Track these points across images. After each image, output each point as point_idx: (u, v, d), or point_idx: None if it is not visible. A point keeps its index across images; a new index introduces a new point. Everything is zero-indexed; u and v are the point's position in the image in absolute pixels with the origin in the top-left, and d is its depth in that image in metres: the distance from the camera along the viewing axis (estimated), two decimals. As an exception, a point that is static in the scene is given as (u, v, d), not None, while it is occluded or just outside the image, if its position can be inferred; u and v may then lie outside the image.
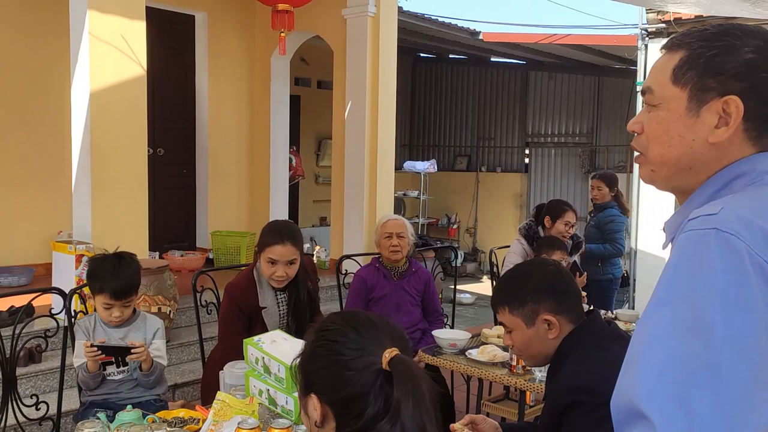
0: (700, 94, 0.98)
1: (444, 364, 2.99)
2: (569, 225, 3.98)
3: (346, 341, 1.18)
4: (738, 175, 0.98)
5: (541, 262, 2.13)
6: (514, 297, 1.83)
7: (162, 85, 6.38)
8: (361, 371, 1.14)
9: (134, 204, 4.36)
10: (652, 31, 6.62)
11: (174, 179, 6.67)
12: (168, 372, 4.13)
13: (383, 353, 1.14)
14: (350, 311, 1.34)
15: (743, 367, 0.80)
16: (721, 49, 0.98)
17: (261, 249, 2.77)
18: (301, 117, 8.73)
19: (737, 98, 0.96)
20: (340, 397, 1.15)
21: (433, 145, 11.01)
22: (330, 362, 1.17)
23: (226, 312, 2.81)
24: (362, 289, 3.49)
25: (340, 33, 6.24)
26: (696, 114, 0.99)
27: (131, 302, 2.58)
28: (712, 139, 0.98)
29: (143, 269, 3.82)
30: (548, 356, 1.82)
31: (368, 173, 6.14)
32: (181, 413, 2.14)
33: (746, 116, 0.96)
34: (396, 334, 1.21)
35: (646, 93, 1.06)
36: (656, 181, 1.07)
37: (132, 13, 4.32)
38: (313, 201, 8.98)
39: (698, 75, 0.98)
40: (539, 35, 8.22)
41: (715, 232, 0.85)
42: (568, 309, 1.79)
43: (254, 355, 2.16)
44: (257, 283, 2.81)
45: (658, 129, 1.03)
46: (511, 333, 1.85)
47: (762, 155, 0.99)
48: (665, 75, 1.02)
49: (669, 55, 1.04)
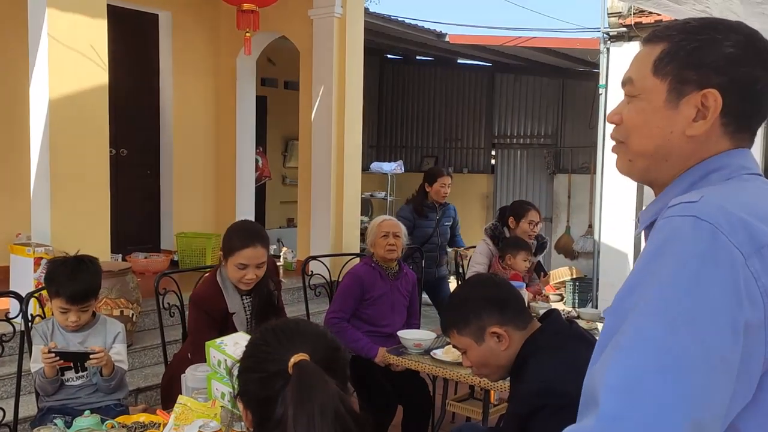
0: (679, 87, 0.99)
1: (409, 364, 3.01)
2: (533, 224, 4.04)
3: (262, 345, 1.18)
4: (715, 169, 0.99)
5: (476, 280, 2.18)
6: (458, 318, 1.86)
7: (125, 85, 6.27)
8: (272, 374, 1.13)
9: (96, 205, 4.28)
10: (614, 35, 6.75)
11: (137, 180, 6.56)
12: (131, 376, 4.08)
13: (291, 358, 1.12)
14: (285, 319, 1.33)
15: (703, 354, 0.80)
16: (703, 43, 0.98)
17: (229, 253, 2.68)
18: (268, 118, 8.67)
19: (716, 91, 0.96)
20: (255, 399, 1.15)
21: (400, 146, 11.03)
22: (247, 366, 1.18)
23: (195, 321, 2.75)
24: (357, 287, 3.42)
25: (306, 34, 6.22)
26: (675, 106, 0.99)
27: (89, 307, 2.52)
28: (689, 132, 0.99)
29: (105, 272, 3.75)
30: (507, 368, 1.85)
31: (335, 174, 6.13)
32: (141, 418, 2.11)
33: (724, 111, 0.97)
34: (321, 341, 1.20)
35: (626, 84, 1.06)
36: (632, 172, 1.08)
37: (92, 11, 4.24)
38: (280, 202, 8.93)
39: (678, 67, 0.99)
40: (505, 38, 8.31)
41: (694, 219, 0.86)
42: (512, 317, 1.82)
43: (216, 357, 2.14)
44: (223, 288, 2.74)
45: (638, 119, 1.03)
46: (466, 353, 1.88)
47: (738, 151, 1.00)
48: (646, 66, 1.03)
49: (650, 46, 1.04)
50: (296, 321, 1.25)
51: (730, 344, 0.81)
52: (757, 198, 0.93)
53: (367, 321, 3.44)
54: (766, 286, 0.83)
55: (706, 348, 0.80)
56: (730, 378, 0.82)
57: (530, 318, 1.87)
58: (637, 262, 0.93)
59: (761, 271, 0.83)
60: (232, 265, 2.67)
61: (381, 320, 3.43)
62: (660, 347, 0.82)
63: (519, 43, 8.09)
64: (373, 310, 3.43)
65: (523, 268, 3.83)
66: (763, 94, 0.99)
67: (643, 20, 6.50)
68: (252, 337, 1.25)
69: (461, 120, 10.46)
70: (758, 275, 0.83)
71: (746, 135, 1.01)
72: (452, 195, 5.06)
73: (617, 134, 1.08)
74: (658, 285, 0.85)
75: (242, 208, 7.05)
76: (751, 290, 0.82)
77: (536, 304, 3.71)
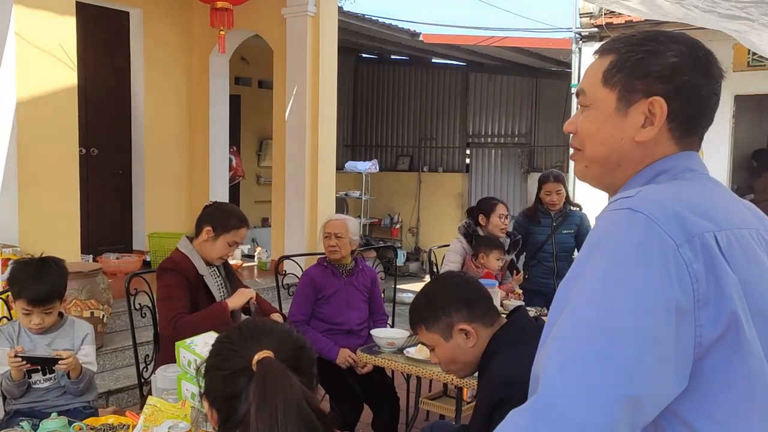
0: (627, 95, 1.04)
1: (382, 363, 3.01)
2: (503, 216, 4.06)
3: (228, 342, 1.18)
4: (662, 171, 1.04)
5: (446, 277, 2.21)
6: (427, 315, 1.88)
7: (95, 84, 6.19)
8: (236, 372, 1.13)
9: (65, 206, 4.22)
10: (586, 35, 6.83)
11: (109, 180, 6.47)
12: (102, 378, 4.04)
13: (254, 355, 1.12)
14: (252, 319, 1.34)
15: (635, 335, 0.85)
16: (647, 53, 1.04)
17: (224, 230, 2.88)
18: (242, 117, 8.62)
19: (661, 99, 1.02)
20: (220, 396, 1.15)
21: (375, 146, 11.04)
22: (213, 364, 1.18)
23: (167, 285, 2.83)
24: (310, 289, 3.46)
25: (279, 32, 6.20)
26: (624, 114, 1.05)
27: (53, 309, 2.48)
28: (638, 138, 1.04)
29: (74, 273, 3.72)
30: (474, 364, 1.88)
31: (309, 174, 6.11)
32: (110, 420, 2.09)
33: (670, 117, 1.03)
34: (286, 339, 1.20)
35: (579, 95, 1.12)
36: (588, 178, 1.13)
37: (61, 9, 4.19)
38: (254, 202, 8.88)
39: (626, 77, 1.04)
40: (478, 37, 8.36)
41: (629, 211, 0.92)
42: (480, 314, 1.85)
43: (186, 357, 2.12)
44: (189, 256, 2.90)
45: (590, 128, 1.08)
46: (434, 350, 1.91)
47: (685, 154, 1.06)
48: (596, 77, 1.08)
49: (600, 59, 1.10)
50: (262, 320, 1.26)
51: (664, 324, 0.85)
52: (693, 194, 0.98)
53: (323, 319, 3.47)
54: (696, 272, 0.88)
55: (640, 328, 0.85)
56: (667, 357, 0.86)
57: (498, 316, 1.91)
58: (579, 253, 0.98)
59: (692, 258, 0.88)
60: (223, 241, 2.89)
61: (337, 317, 3.47)
62: (595, 328, 0.86)
63: (492, 43, 8.14)
64: (328, 308, 3.47)
65: (495, 266, 3.86)
66: (706, 100, 1.05)
67: (614, 21, 6.59)
68: (219, 335, 1.25)
69: (436, 119, 10.51)
70: (689, 262, 0.88)
71: (694, 139, 1.07)
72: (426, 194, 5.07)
73: (574, 142, 1.14)
74: (596, 272, 0.90)
75: (216, 207, 6.99)
76: (682, 276, 0.87)
77: (509, 302, 3.74)
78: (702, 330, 0.87)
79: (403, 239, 10.36)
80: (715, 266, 0.89)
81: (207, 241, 2.91)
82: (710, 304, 0.88)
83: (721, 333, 0.88)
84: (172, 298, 2.80)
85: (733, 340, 0.88)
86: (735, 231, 0.94)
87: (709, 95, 1.05)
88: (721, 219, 0.94)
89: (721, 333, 0.88)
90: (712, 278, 0.88)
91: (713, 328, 0.88)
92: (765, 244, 0.98)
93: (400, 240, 10.26)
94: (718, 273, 0.89)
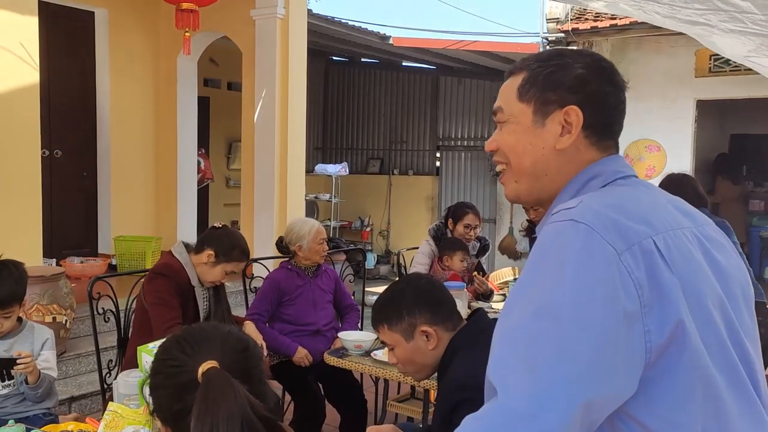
0: (543, 108, 1.09)
1: (350, 365, 3.01)
2: (470, 228, 4.08)
3: (168, 358, 1.15)
4: (592, 177, 1.09)
5: (412, 278, 2.23)
6: (390, 314, 1.89)
7: (59, 85, 6.07)
8: (182, 387, 1.11)
9: (26, 209, 4.14)
10: (553, 40, 6.92)
11: (73, 182, 6.35)
12: (65, 384, 3.96)
13: (198, 368, 1.10)
14: (189, 325, 1.30)
15: (586, 341, 0.87)
16: (556, 67, 1.10)
17: (225, 258, 2.90)
18: (211, 119, 8.54)
19: (576, 107, 1.07)
20: (170, 413, 1.13)
21: (346, 148, 11.03)
22: (157, 382, 1.15)
23: (158, 290, 2.80)
24: (273, 291, 3.47)
25: (248, 34, 6.15)
26: (542, 125, 1.10)
27: (11, 313, 2.43)
28: (558, 146, 1.09)
29: (35, 277, 3.65)
30: (432, 367, 1.90)
31: (278, 176, 6.08)
32: (70, 426, 2.05)
33: (585, 123, 1.08)
34: (229, 345, 1.17)
35: (497, 113, 1.16)
36: (521, 194, 1.16)
37: (22, 8, 4.11)
38: (223, 204, 8.80)
39: (540, 91, 1.10)
40: (448, 41, 8.40)
41: (572, 222, 0.95)
42: (443, 318, 1.87)
43: (149, 362, 2.09)
44: (184, 264, 2.91)
45: (510, 140, 1.13)
46: (394, 350, 1.91)
47: (610, 158, 1.11)
48: (512, 94, 1.13)
49: (513, 78, 1.15)
50: (200, 327, 1.23)
51: (614, 331, 0.88)
52: (628, 200, 1.02)
53: (290, 321, 3.47)
54: (638, 279, 0.91)
55: (590, 335, 0.87)
56: (618, 362, 0.88)
57: (460, 320, 1.93)
58: (527, 262, 1.00)
59: (633, 265, 0.91)
60: (222, 269, 2.91)
61: (303, 318, 3.48)
62: (545, 337, 0.88)
63: (462, 47, 8.20)
64: (294, 310, 3.47)
65: (460, 267, 3.88)
66: (615, 107, 1.12)
67: (580, 26, 6.69)
68: (156, 351, 1.21)
69: (406, 122, 10.53)
70: (631, 269, 0.91)
71: (610, 143, 1.13)
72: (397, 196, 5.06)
73: (499, 158, 1.17)
74: (543, 282, 0.93)
75: (184, 210, 6.91)
76: (626, 283, 0.90)
77: (476, 304, 3.77)
78: (651, 335, 0.90)
79: (374, 242, 10.36)
80: (656, 271, 0.92)
81: (206, 264, 2.92)
82: (654, 309, 0.90)
83: (669, 336, 0.91)
84: (165, 305, 2.79)
85: (680, 341, 0.91)
86: (670, 233, 0.97)
87: (616, 102, 1.11)
88: (657, 222, 0.97)
89: (669, 336, 0.91)
90: (654, 284, 0.91)
91: (661, 332, 0.90)
92: (697, 241, 1.02)
93: (371, 243, 10.26)
94: (660, 278, 0.92)
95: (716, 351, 0.95)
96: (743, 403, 0.97)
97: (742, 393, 0.97)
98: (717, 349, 0.95)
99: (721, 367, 0.95)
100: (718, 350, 0.95)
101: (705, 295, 0.96)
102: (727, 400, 0.95)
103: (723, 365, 0.95)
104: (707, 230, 1.06)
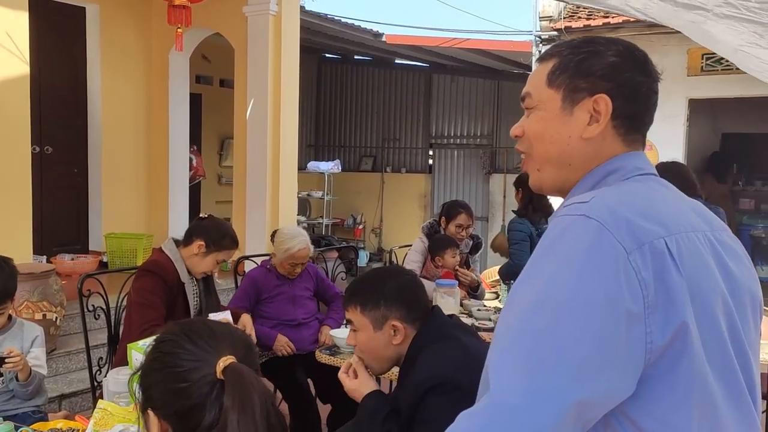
0: (572, 95, 1.06)
1: (341, 363, 3.00)
2: (461, 227, 4.06)
3: (181, 352, 1.12)
4: (612, 171, 1.06)
5: (398, 270, 2.22)
6: (367, 298, 1.88)
7: (50, 80, 6.03)
8: (197, 382, 1.09)
9: (16, 205, 4.11)
10: (545, 38, 6.93)
11: (64, 179, 6.31)
12: (55, 381, 3.94)
13: (218, 362, 1.10)
14: (189, 320, 1.29)
15: (585, 339, 0.86)
16: (589, 54, 1.07)
17: (216, 248, 2.90)
18: (203, 116, 8.50)
19: (606, 96, 1.04)
20: (176, 410, 1.10)
21: (338, 146, 11.02)
22: (165, 376, 1.12)
23: (144, 289, 2.76)
24: (251, 290, 3.49)
25: (241, 31, 6.13)
26: (570, 112, 1.07)
27: (4, 310, 2.41)
28: (585, 135, 1.06)
29: (25, 274, 3.63)
30: (391, 362, 1.90)
31: (270, 173, 6.06)
32: (59, 424, 2.03)
33: (614, 114, 1.05)
34: (238, 341, 1.18)
35: (525, 98, 1.13)
36: (543, 183, 1.13)
37: (13, 2, 4.07)
38: (216, 202, 8.76)
39: (570, 77, 1.07)
40: (441, 39, 8.40)
41: (583, 218, 0.93)
42: (415, 318, 1.88)
43: (139, 359, 2.08)
44: (174, 260, 2.88)
45: (538, 127, 1.10)
46: (357, 332, 1.91)
47: (632, 154, 1.08)
48: (541, 80, 1.10)
49: (543, 64, 1.12)
50: (205, 323, 1.21)
51: (614, 330, 0.87)
52: (644, 198, 1.00)
53: (270, 317, 3.49)
54: (645, 279, 0.89)
55: (590, 333, 0.86)
56: (617, 362, 0.88)
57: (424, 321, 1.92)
58: (532, 256, 0.98)
59: (642, 266, 0.89)
60: (213, 258, 2.90)
61: (283, 315, 3.49)
62: (545, 333, 0.87)
63: (455, 45, 8.20)
64: (273, 308, 3.49)
65: (452, 264, 3.88)
66: (646, 98, 1.08)
67: (573, 24, 6.70)
68: (156, 347, 1.16)
69: (399, 120, 10.53)
70: (639, 269, 0.89)
71: (637, 137, 1.10)
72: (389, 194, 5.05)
73: (522, 146, 1.15)
74: (548, 276, 0.92)
75: (176, 207, 6.89)
76: (631, 283, 0.88)
77: (469, 302, 3.77)
78: (652, 337, 0.89)
79: (366, 240, 10.35)
80: (664, 272, 0.90)
81: (197, 255, 2.89)
82: (659, 310, 0.89)
83: (671, 337, 0.90)
84: (147, 306, 2.74)
85: (682, 343, 0.90)
86: (683, 235, 0.95)
87: (648, 93, 1.08)
88: (671, 223, 0.95)
89: (671, 337, 0.90)
90: (661, 285, 0.90)
91: (663, 334, 0.89)
92: (710, 245, 1.00)
93: (363, 240, 10.25)
94: (667, 280, 0.90)
95: (717, 357, 0.94)
96: (738, 413, 0.96)
97: (738, 402, 0.96)
98: (718, 355, 0.94)
99: (721, 373, 0.94)
100: (720, 356, 0.94)
101: (711, 301, 0.95)
102: (722, 407, 0.94)
103: (722, 372, 0.94)
104: (722, 236, 1.04)
